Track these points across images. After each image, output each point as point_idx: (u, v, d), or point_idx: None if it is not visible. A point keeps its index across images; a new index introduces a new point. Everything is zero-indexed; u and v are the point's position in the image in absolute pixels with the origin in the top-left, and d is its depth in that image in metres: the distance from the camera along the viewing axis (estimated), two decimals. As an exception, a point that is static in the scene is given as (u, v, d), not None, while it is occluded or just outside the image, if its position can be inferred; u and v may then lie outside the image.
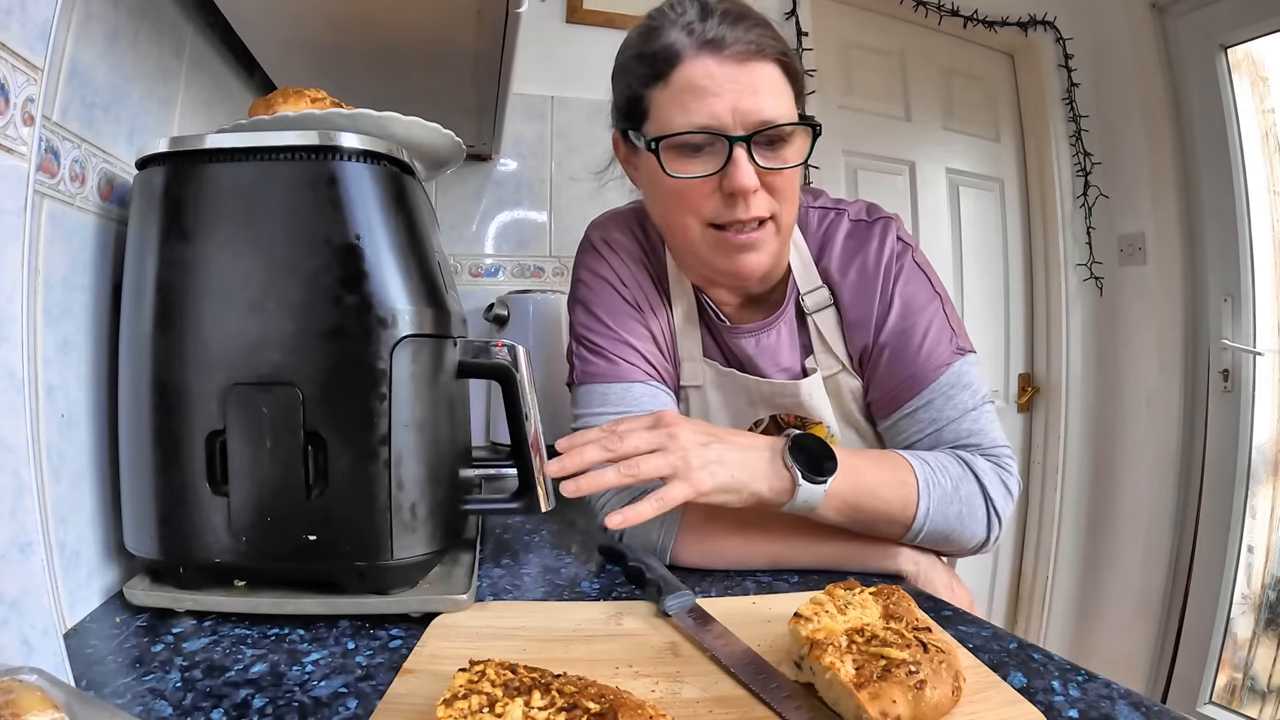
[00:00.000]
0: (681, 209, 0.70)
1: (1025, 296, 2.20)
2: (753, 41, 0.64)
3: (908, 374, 0.73)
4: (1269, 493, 1.83)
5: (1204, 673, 1.84)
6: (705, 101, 0.64)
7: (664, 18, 0.67)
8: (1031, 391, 2.19)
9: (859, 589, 0.48)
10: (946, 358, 0.72)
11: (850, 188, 1.94)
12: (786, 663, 0.46)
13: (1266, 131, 1.86)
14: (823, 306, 0.77)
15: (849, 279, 0.76)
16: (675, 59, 0.65)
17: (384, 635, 0.53)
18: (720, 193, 0.67)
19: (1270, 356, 1.83)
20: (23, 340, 0.40)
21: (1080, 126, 2.07)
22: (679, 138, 0.66)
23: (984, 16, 2.00)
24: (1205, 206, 1.92)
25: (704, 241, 0.70)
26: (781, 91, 0.67)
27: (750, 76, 0.64)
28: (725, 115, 0.64)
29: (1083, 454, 2.13)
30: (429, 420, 0.56)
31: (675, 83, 0.66)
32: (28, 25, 0.41)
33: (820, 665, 0.41)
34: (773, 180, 0.67)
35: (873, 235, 0.76)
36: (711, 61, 0.64)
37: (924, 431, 0.72)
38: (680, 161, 0.67)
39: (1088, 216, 2.09)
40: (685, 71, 0.65)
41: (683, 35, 0.65)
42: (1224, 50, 1.86)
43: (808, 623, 0.44)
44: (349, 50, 0.89)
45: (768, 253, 0.71)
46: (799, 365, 0.79)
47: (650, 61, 0.67)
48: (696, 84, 0.64)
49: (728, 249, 0.69)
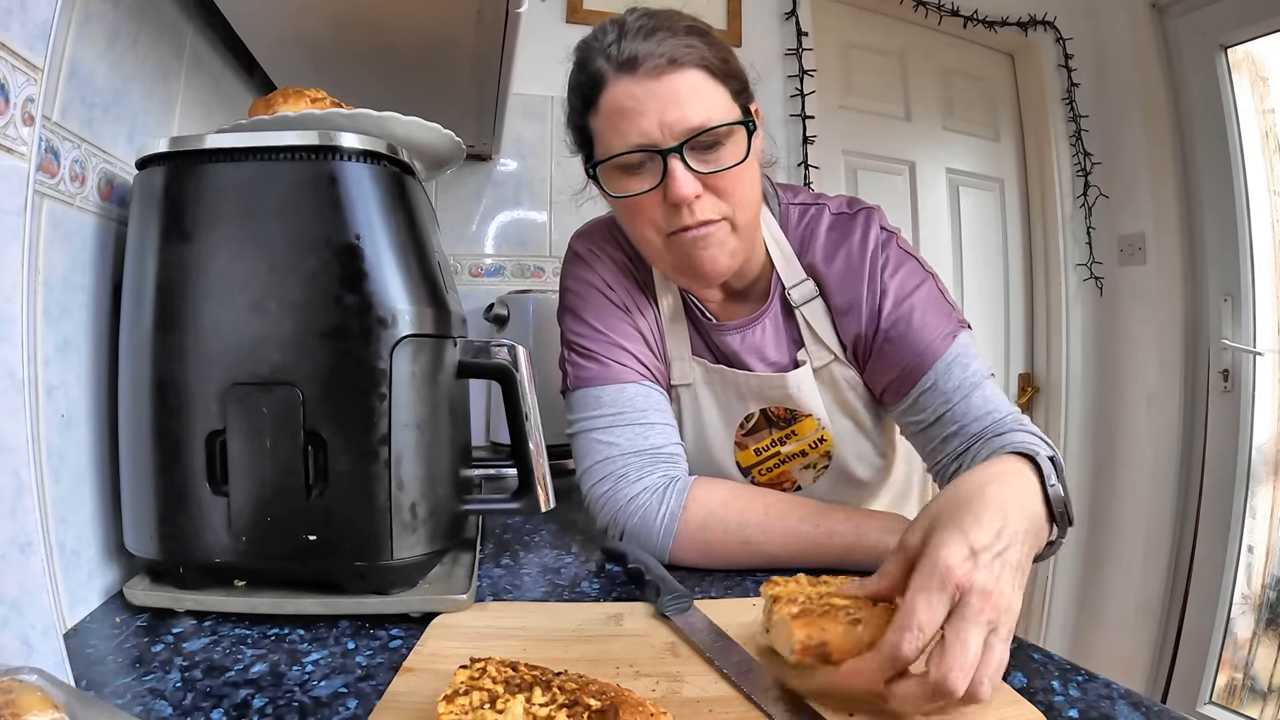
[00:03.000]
0: (639, 223, 0.71)
1: (1025, 296, 2.20)
2: (664, 54, 0.65)
3: (914, 354, 0.73)
4: (1269, 493, 1.83)
5: (1204, 673, 1.84)
6: (632, 122, 0.66)
7: (589, 48, 0.70)
8: (1031, 391, 2.19)
9: (846, 579, 0.48)
10: (951, 328, 0.73)
11: (850, 188, 1.94)
12: (760, 633, 0.47)
13: (1266, 131, 1.86)
14: (810, 298, 0.78)
15: (834, 268, 0.76)
16: (600, 85, 0.68)
17: (384, 635, 0.53)
18: (666, 204, 0.68)
19: (1270, 356, 1.83)
20: (23, 340, 0.40)
21: (1080, 126, 2.07)
22: (614, 160, 0.68)
23: (984, 16, 2.00)
24: (1205, 206, 1.92)
25: (666, 249, 0.72)
26: (708, 95, 0.67)
27: (670, 89, 0.65)
28: (654, 131, 0.65)
29: (1083, 454, 2.13)
30: (429, 420, 0.56)
31: (604, 108, 0.68)
32: (28, 25, 0.41)
33: (775, 617, 0.42)
34: (716, 183, 0.68)
35: (855, 226, 0.77)
36: (630, 82, 0.66)
37: (936, 414, 0.72)
38: (623, 181, 0.69)
39: (1088, 216, 2.09)
40: (609, 96, 0.67)
41: (603, 62, 0.67)
42: (1224, 50, 1.86)
43: (776, 586, 0.46)
44: (349, 50, 0.89)
45: (725, 251, 0.71)
46: (788, 359, 0.80)
47: (581, 92, 0.70)
48: (622, 106, 0.66)
49: (685, 249, 0.70)
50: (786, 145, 1.76)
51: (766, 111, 0.90)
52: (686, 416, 0.83)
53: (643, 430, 0.74)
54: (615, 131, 0.68)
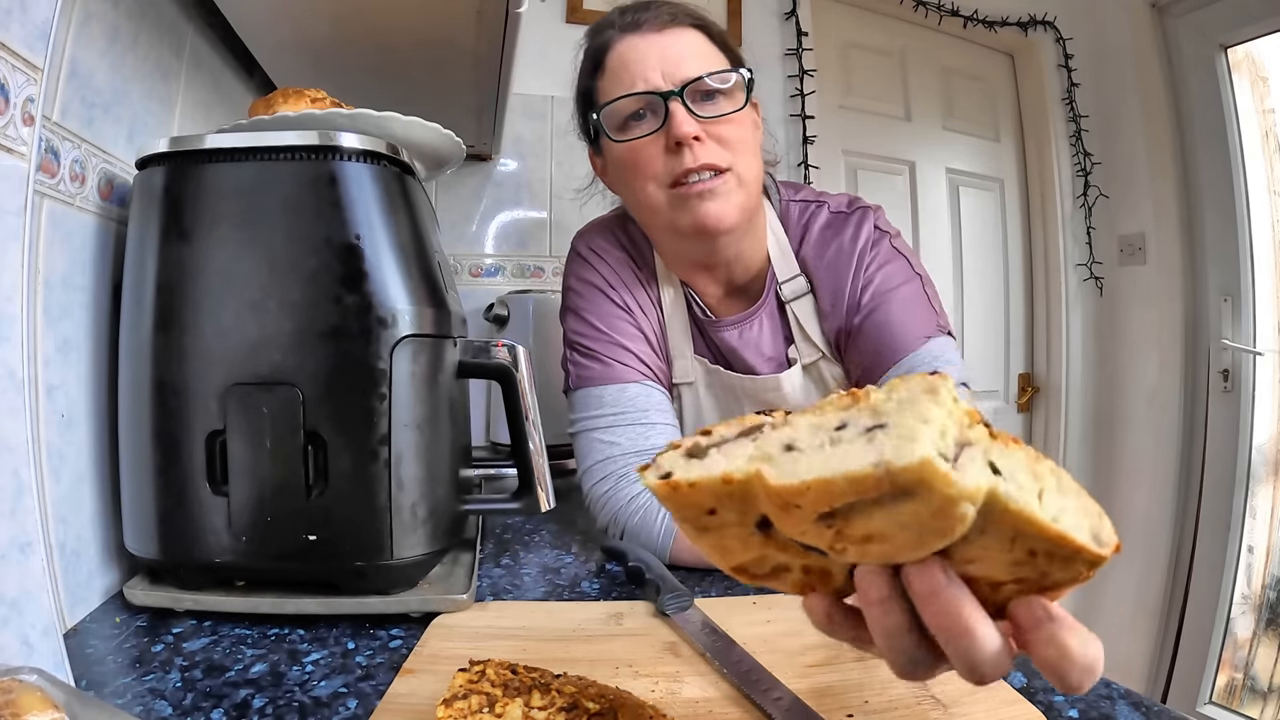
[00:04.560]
0: (640, 177, 0.73)
1: (1025, 296, 2.20)
2: (666, 14, 0.73)
3: (886, 344, 0.72)
4: (1269, 493, 1.83)
5: (1204, 673, 1.84)
6: (635, 71, 0.71)
7: (598, 25, 0.78)
8: (1031, 391, 2.19)
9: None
10: (928, 330, 0.72)
11: (850, 188, 1.94)
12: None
13: (1266, 131, 1.86)
14: (799, 295, 0.78)
15: (823, 262, 0.77)
16: (607, 47, 0.74)
17: (384, 635, 0.53)
18: (668, 149, 0.70)
19: (1270, 356, 1.83)
20: (23, 340, 0.41)
21: (1080, 126, 2.07)
22: (617, 104, 0.72)
23: (984, 16, 2.00)
24: (1205, 206, 1.92)
25: (667, 204, 0.73)
26: (705, 52, 0.73)
27: (673, 41, 0.72)
28: (655, 78, 0.70)
29: (1083, 454, 2.13)
30: (429, 420, 0.56)
31: (610, 66, 0.74)
32: (28, 25, 0.41)
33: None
34: (718, 130, 0.71)
35: (849, 223, 0.77)
36: (635, 38, 0.73)
37: None
38: (626, 131, 0.73)
39: (1088, 216, 2.09)
40: (616, 53, 0.73)
41: (611, 30, 0.75)
42: (1224, 50, 1.86)
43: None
44: (349, 50, 0.89)
45: (732, 204, 0.71)
46: (783, 355, 0.80)
47: (590, 58, 0.77)
48: (626, 59, 0.72)
49: (688, 202, 0.71)
50: (786, 145, 1.76)
51: (766, 111, 0.91)
52: (688, 415, 0.83)
53: (644, 430, 0.74)
54: (618, 83, 0.72)
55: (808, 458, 0.25)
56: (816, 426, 0.26)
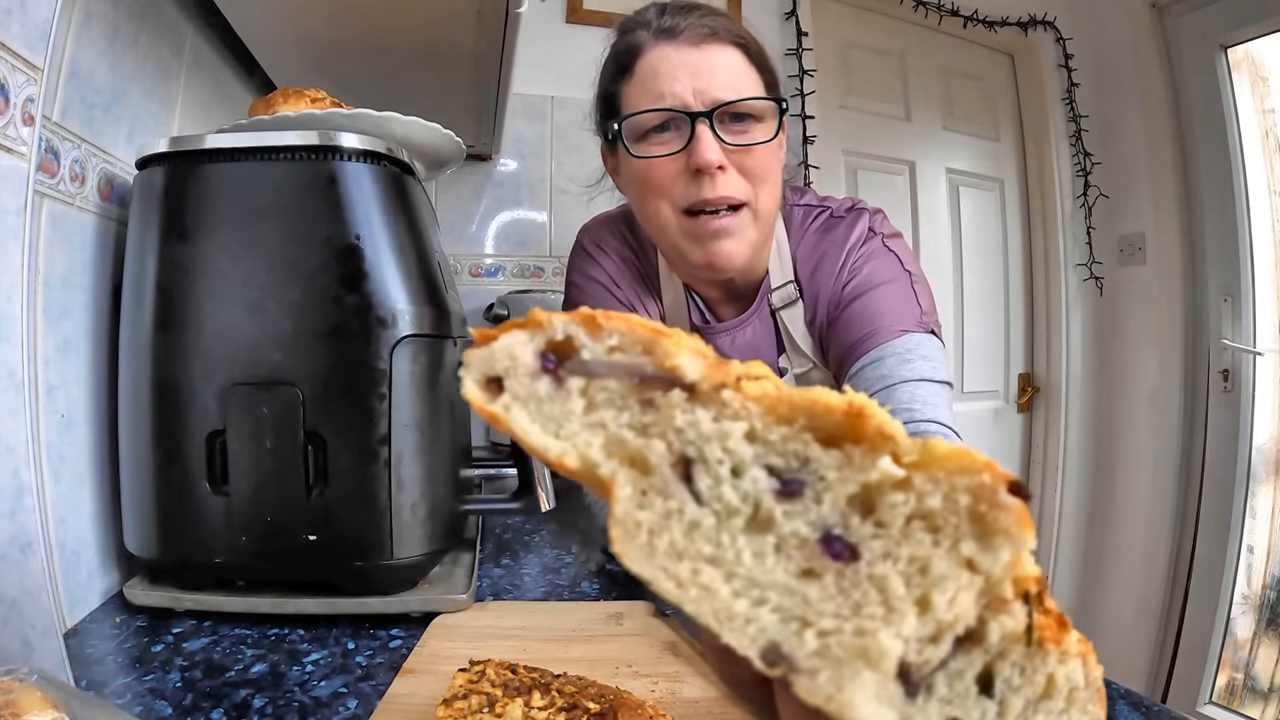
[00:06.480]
0: (654, 194, 0.69)
1: (1025, 296, 2.20)
2: (706, 26, 0.67)
3: (860, 333, 0.70)
4: (1269, 493, 1.83)
5: (1204, 673, 1.84)
6: (666, 84, 0.66)
7: (630, 22, 0.72)
8: (1031, 391, 2.19)
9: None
10: (906, 324, 0.69)
11: (850, 188, 1.94)
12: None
13: (1266, 131, 1.86)
14: (789, 302, 0.76)
15: (813, 261, 0.76)
16: (638, 51, 0.69)
17: (384, 635, 0.53)
18: (687, 173, 0.67)
19: (1270, 356, 1.83)
20: (23, 340, 0.41)
21: (1080, 126, 2.07)
22: (641, 117, 0.68)
23: (984, 16, 2.00)
24: (1205, 206, 1.92)
25: (678, 230, 0.70)
26: (742, 73, 0.68)
27: (708, 58, 0.67)
28: (686, 95, 0.66)
29: (1083, 454, 2.13)
30: (429, 420, 0.56)
31: (639, 73, 0.69)
32: (28, 25, 0.41)
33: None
34: (742, 160, 0.67)
35: (842, 223, 0.76)
36: (669, 48, 0.67)
37: (871, 389, 0.67)
38: (646, 144, 0.69)
39: (1088, 216, 2.09)
40: (646, 61, 0.68)
41: (643, 31, 0.69)
42: (1224, 50, 1.86)
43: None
44: (349, 50, 0.89)
45: (744, 242, 0.69)
46: (774, 364, 0.79)
47: (618, 59, 0.72)
48: (657, 70, 0.67)
49: (701, 237, 0.68)
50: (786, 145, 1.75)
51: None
52: None
53: None
54: (646, 94, 0.68)
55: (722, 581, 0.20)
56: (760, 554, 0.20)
